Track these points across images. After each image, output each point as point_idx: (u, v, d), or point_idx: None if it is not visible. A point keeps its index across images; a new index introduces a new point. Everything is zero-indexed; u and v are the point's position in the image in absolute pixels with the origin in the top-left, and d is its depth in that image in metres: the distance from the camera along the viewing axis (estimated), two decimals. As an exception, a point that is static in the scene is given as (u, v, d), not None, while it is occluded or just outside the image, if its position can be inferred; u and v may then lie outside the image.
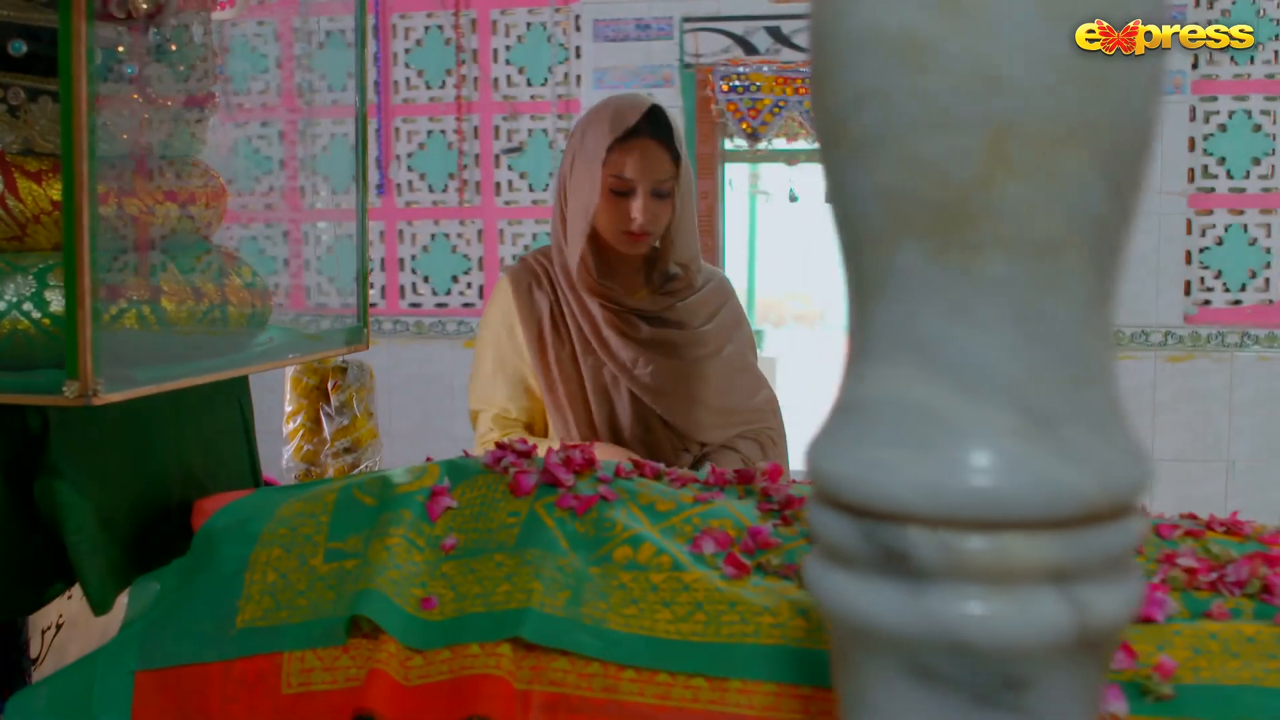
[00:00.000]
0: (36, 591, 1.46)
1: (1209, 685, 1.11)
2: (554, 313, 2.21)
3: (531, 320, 2.22)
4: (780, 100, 4.50)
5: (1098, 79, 0.60)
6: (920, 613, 0.63)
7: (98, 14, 1.41)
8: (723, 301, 2.27)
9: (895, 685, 0.66)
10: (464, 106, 4.82)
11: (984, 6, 0.59)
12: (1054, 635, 0.63)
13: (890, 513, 0.63)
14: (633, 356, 2.16)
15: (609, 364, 2.17)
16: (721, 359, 2.24)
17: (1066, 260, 0.62)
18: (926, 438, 0.63)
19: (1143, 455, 0.65)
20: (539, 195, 4.82)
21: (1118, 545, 0.64)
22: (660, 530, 1.34)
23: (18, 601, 1.45)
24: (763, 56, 4.54)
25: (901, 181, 0.62)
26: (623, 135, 2.09)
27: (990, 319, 0.62)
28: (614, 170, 2.08)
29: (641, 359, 2.17)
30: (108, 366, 1.29)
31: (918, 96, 0.60)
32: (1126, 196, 0.62)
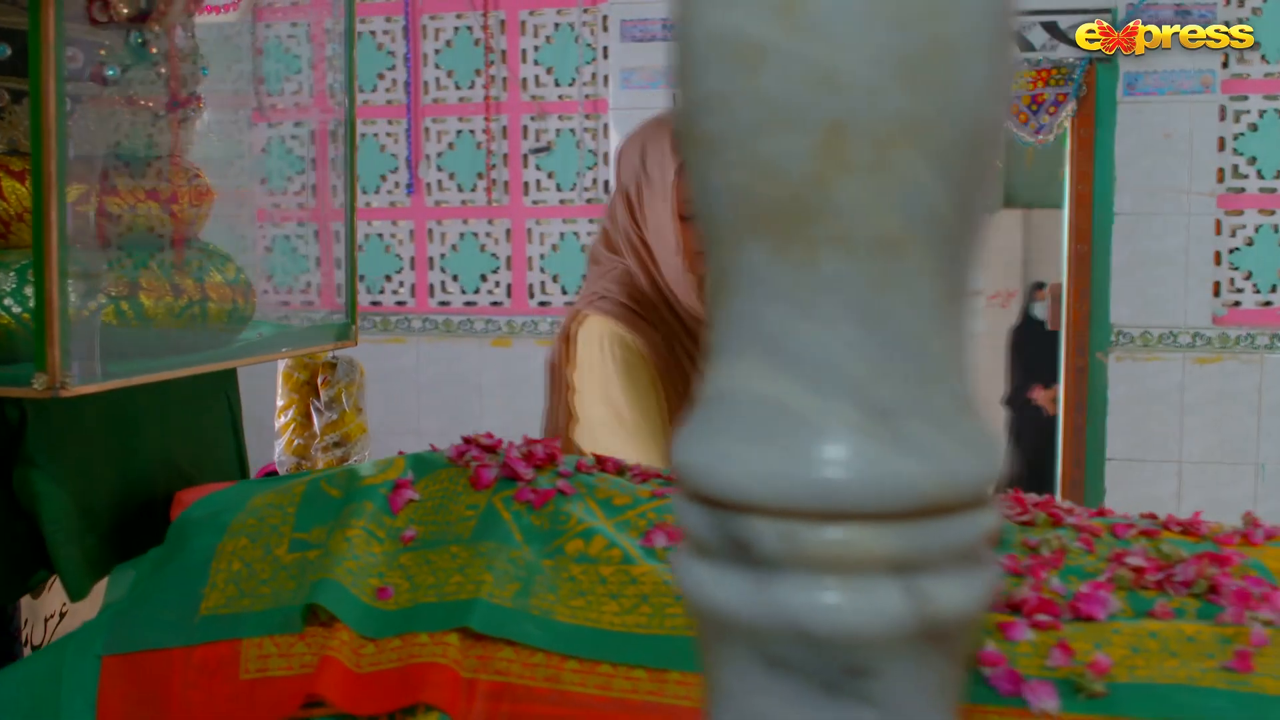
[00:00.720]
0: (21, 578, 1.50)
1: (1144, 684, 1.11)
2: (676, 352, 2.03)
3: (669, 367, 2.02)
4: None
5: (930, 78, 0.61)
6: (766, 602, 0.65)
7: (80, 18, 1.45)
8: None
9: (749, 673, 0.67)
10: (492, 107, 4.86)
11: (817, 9, 0.60)
12: (894, 625, 0.64)
13: (736, 503, 0.65)
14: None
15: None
16: None
17: (906, 258, 0.63)
18: (771, 431, 0.64)
19: (990, 451, 0.66)
20: (566, 195, 4.85)
21: (961, 538, 0.65)
22: (615, 524, 1.36)
23: (2, 588, 1.50)
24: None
25: (744, 181, 0.64)
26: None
27: (832, 315, 0.63)
28: (685, 195, 1.94)
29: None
30: (80, 360, 1.33)
31: (755, 98, 0.62)
32: (968, 194, 0.64)
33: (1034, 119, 4.25)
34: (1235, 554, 1.29)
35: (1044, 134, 4.27)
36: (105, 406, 1.46)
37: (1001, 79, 0.64)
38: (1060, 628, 1.17)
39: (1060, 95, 4.22)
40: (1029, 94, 4.23)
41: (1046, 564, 1.28)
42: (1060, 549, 1.30)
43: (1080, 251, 4.30)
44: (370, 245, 5.07)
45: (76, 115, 1.48)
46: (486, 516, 1.35)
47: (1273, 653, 1.13)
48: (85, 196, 1.49)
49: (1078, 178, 4.28)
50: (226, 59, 4.40)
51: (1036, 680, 1.11)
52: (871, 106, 0.61)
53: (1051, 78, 4.21)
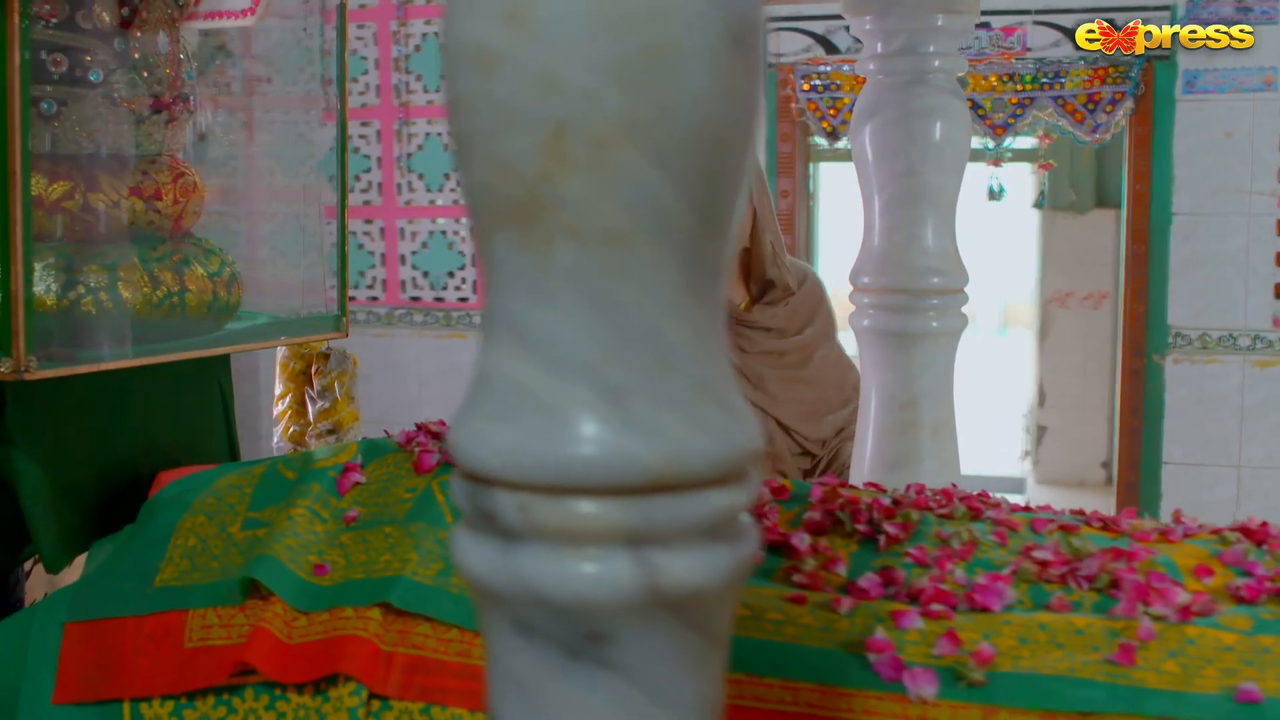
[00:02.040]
0: (11, 551, 1.60)
1: (1024, 674, 1.14)
2: None
3: None
4: (861, 99, 4.50)
5: (648, 82, 0.65)
6: (510, 570, 0.70)
7: (67, 25, 1.54)
8: (818, 303, 2.39)
9: (504, 636, 0.72)
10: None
11: (542, 18, 0.65)
12: (625, 594, 0.68)
13: (485, 477, 0.70)
14: (750, 368, 2.30)
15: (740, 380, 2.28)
16: (819, 359, 2.37)
17: (635, 249, 0.67)
18: (515, 410, 0.69)
19: (725, 434, 0.70)
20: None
21: (693, 515, 0.69)
22: (545, 509, 1.41)
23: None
24: (843, 55, 4.54)
25: (488, 178, 0.68)
26: None
27: (567, 303, 0.68)
28: None
29: (754, 369, 2.30)
30: (51, 346, 1.42)
31: (490, 101, 0.67)
32: (695, 191, 0.68)
33: (1090, 118, 4.20)
34: (1146, 550, 1.30)
35: (1101, 133, 4.22)
36: (83, 390, 1.55)
37: (730, 83, 0.68)
38: (952, 617, 1.19)
39: (1117, 94, 4.17)
40: (1085, 92, 4.18)
41: (955, 556, 1.31)
42: (971, 541, 1.32)
43: (1137, 252, 4.24)
44: (434, 242, 5.19)
45: (61, 116, 1.57)
46: (423, 499, 1.41)
47: (1158, 647, 1.14)
48: (69, 193, 1.58)
49: (1135, 177, 4.21)
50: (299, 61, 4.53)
51: (919, 668, 1.14)
52: (591, 108, 0.65)
53: (1109, 76, 4.16)
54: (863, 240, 2.01)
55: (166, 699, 1.34)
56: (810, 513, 1.38)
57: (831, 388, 2.39)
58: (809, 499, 1.42)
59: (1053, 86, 4.21)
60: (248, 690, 1.32)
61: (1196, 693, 1.10)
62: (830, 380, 2.40)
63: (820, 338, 2.40)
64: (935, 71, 1.93)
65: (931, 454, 1.99)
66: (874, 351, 1.99)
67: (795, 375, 2.33)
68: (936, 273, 1.93)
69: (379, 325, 5.28)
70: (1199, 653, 1.13)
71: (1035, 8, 4.23)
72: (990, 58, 4.19)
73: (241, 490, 1.50)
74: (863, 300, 1.98)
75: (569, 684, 0.71)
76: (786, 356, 2.34)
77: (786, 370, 2.34)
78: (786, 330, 2.34)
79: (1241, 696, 1.08)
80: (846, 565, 1.30)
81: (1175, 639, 1.15)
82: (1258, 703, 1.08)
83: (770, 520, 1.38)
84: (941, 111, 1.92)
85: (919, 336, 1.95)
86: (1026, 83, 4.25)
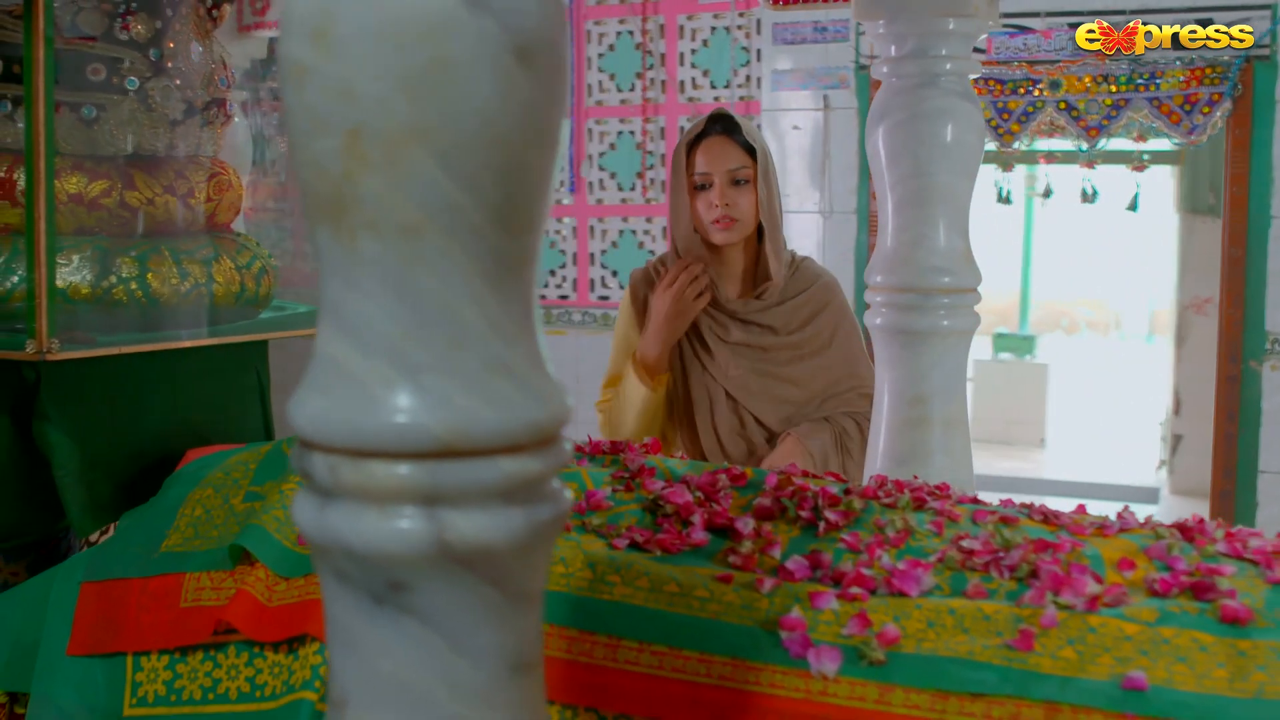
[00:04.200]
0: (51, 516, 1.75)
1: (924, 655, 1.18)
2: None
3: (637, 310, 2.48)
4: (953, 100, 4.48)
5: (431, 90, 0.73)
6: (325, 525, 0.79)
7: (107, 38, 1.69)
8: (822, 306, 2.45)
9: (328, 584, 0.81)
10: (650, 108, 5.03)
11: (341, 35, 0.74)
12: (417, 548, 0.77)
13: (307, 442, 0.79)
14: (725, 357, 2.39)
15: (707, 365, 2.39)
16: (815, 361, 2.42)
17: (428, 241, 0.76)
18: (331, 383, 0.78)
19: (513, 407, 0.78)
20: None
21: (480, 479, 0.77)
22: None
23: (33, 524, 1.75)
24: (936, 56, 4.53)
25: (306, 178, 0.78)
26: (694, 138, 2.40)
27: (371, 289, 0.77)
28: (693, 170, 2.37)
29: (732, 359, 2.39)
30: (74, 330, 1.56)
31: (304, 109, 0.76)
32: (484, 189, 0.76)
33: (1186, 119, 4.12)
34: (1075, 543, 1.33)
35: (1196, 134, 4.14)
36: (113, 372, 1.69)
37: (514, 93, 0.75)
38: (866, 600, 1.25)
39: (1215, 95, 4.08)
40: (1181, 93, 4.11)
41: (888, 543, 1.35)
42: (905, 530, 1.37)
43: (1234, 256, 4.14)
44: (536, 241, 5.33)
45: (100, 121, 1.72)
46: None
47: (1059, 634, 1.18)
48: (107, 191, 1.73)
49: (1232, 180, 4.12)
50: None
51: (825, 646, 1.20)
52: (382, 115, 0.74)
53: (1206, 76, 4.07)
54: (878, 240, 2.05)
55: (162, 653, 1.47)
56: (761, 499, 1.44)
57: (814, 392, 2.42)
58: (764, 486, 1.48)
59: (1148, 88, 4.15)
60: (230, 647, 1.44)
61: (1086, 679, 1.13)
62: (816, 385, 2.42)
63: (821, 344, 2.43)
64: (946, 74, 1.96)
65: (941, 450, 2.02)
66: (885, 349, 2.03)
67: (779, 373, 2.39)
68: (947, 272, 1.97)
69: (483, 321, 5.44)
70: (1098, 641, 1.17)
71: (1132, 8, 4.17)
72: (1085, 59, 4.15)
73: (247, 466, 1.62)
74: (875, 299, 2.02)
75: (377, 627, 0.80)
76: (772, 353, 2.39)
77: (772, 366, 2.39)
78: (779, 328, 2.40)
79: (1128, 684, 1.11)
80: (782, 549, 1.36)
81: (1077, 627, 1.18)
82: (1143, 690, 1.11)
83: (722, 505, 1.45)
84: (951, 113, 1.96)
85: (929, 335, 1.98)
86: (1121, 84, 4.19)
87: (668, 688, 1.23)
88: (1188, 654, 1.14)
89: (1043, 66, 4.29)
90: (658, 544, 1.37)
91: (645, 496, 1.47)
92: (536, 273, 0.83)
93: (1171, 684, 1.12)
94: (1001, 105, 4.40)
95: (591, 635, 1.28)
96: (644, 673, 1.24)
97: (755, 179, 2.36)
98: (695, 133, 2.41)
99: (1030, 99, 4.34)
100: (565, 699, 1.26)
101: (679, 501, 1.43)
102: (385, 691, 0.80)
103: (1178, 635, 1.17)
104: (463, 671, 0.80)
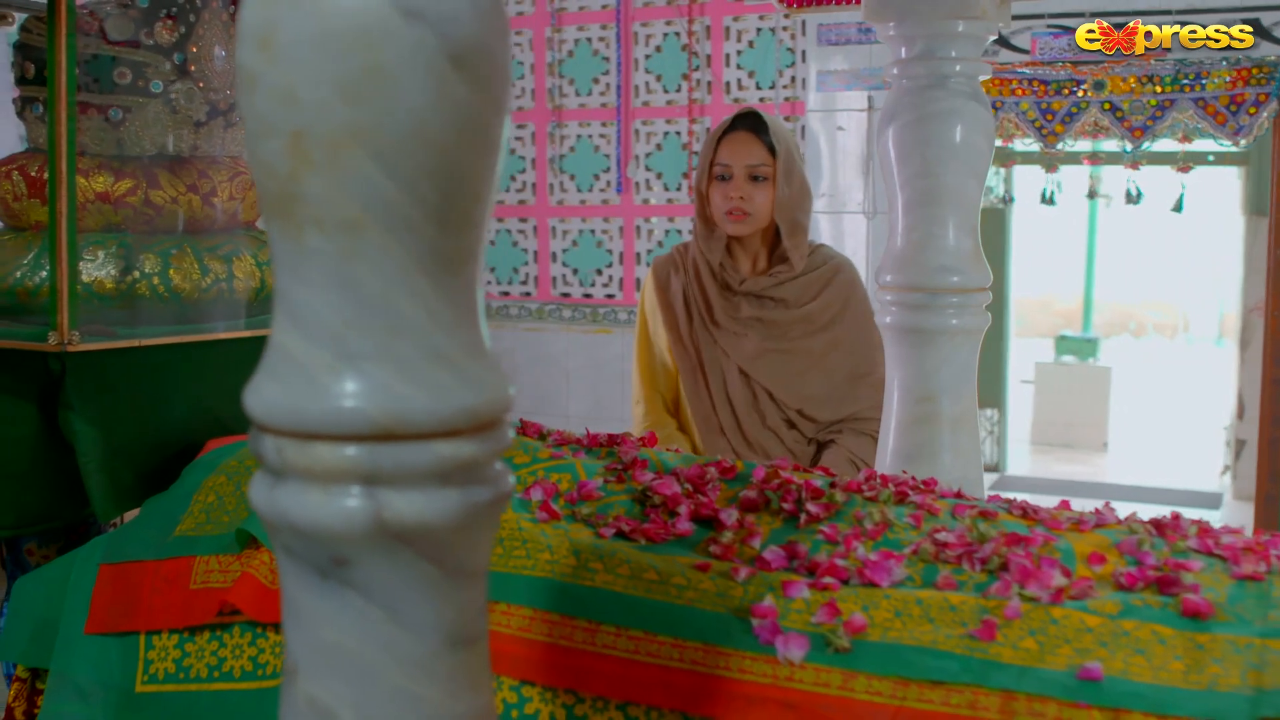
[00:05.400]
0: (79, 502, 1.83)
1: (889, 644, 1.22)
2: (686, 295, 2.57)
3: (668, 304, 2.58)
4: (997, 101, 4.48)
5: (367, 95, 0.78)
6: (274, 503, 0.84)
7: (128, 42, 1.76)
8: (829, 281, 2.54)
9: (280, 559, 0.87)
10: (696, 109, 5.06)
11: (284, 42, 0.79)
12: (356, 525, 0.81)
13: (259, 424, 0.84)
14: (737, 331, 2.49)
15: (718, 339, 2.49)
16: (826, 336, 2.51)
17: (367, 237, 0.80)
18: (279, 370, 0.83)
19: (448, 394, 0.82)
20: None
21: (417, 461, 0.81)
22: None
23: (62, 509, 1.83)
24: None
25: (258, 177, 0.83)
26: (722, 133, 2.52)
27: (316, 281, 0.82)
28: (716, 160, 2.50)
29: (744, 334, 2.49)
30: (95, 323, 1.63)
31: (253, 113, 0.81)
32: (420, 188, 0.80)
33: (1233, 119, 4.08)
34: (1049, 538, 1.35)
35: (1243, 135, 4.10)
36: (136, 363, 1.76)
37: (449, 98, 0.80)
38: (837, 589, 1.28)
39: (1261, 95, 4.04)
40: (1227, 94, 4.07)
41: (865, 535, 1.38)
42: (883, 523, 1.40)
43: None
44: (583, 240, 5.39)
45: (126, 122, 1.79)
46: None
47: (1021, 625, 1.21)
48: (133, 190, 1.80)
49: (1278, 182, 4.07)
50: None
51: (793, 633, 1.23)
52: (322, 118, 0.79)
53: (1252, 77, 4.03)
54: (888, 240, 2.08)
55: (172, 633, 1.54)
56: (747, 491, 1.48)
57: (842, 375, 2.50)
58: (751, 479, 1.52)
59: (1193, 88, 4.11)
60: (235, 628, 1.50)
61: (1044, 669, 1.16)
62: (841, 367, 2.51)
63: (833, 315, 2.52)
64: (955, 76, 1.98)
65: (950, 447, 2.04)
66: (895, 347, 2.06)
67: (792, 347, 2.49)
68: (955, 271, 1.99)
69: (530, 320, 5.51)
70: (1059, 633, 1.19)
71: (1178, 8, 4.14)
72: (1129, 59, 4.12)
73: (259, 455, 1.68)
74: (885, 298, 2.05)
75: (322, 600, 0.85)
76: (785, 328, 2.50)
77: (785, 341, 2.50)
78: (790, 301, 2.49)
79: (1083, 674, 1.14)
80: (763, 539, 1.39)
81: (1039, 619, 1.21)
82: (1097, 680, 1.13)
83: (709, 496, 1.49)
84: (959, 114, 1.98)
85: (938, 333, 2.01)
86: (1166, 84, 4.16)
87: (642, 672, 1.27)
88: (1146, 646, 1.16)
89: (1087, 67, 4.27)
90: (643, 533, 1.41)
91: (635, 488, 1.51)
92: (480, 268, 0.87)
93: (1127, 675, 1.14)
94: (1045, 106, 4.39)
95: (573, 620, 1.32)
96: (621, 657, 1.28)
97: (774, 177, 2.45)
98: (724, 127, 2.54)
99: (1074, 100, 4.32)
100: (546, 681, 1.31)
101: (667, 493, 1.47)
102: (331, 661, 0.85)
103: (1138, 628, 1.19)
104: (403, 643, 0.85)
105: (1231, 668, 1.13)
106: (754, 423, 2.51)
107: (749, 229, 2.49)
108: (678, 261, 2.63)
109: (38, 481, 1.77)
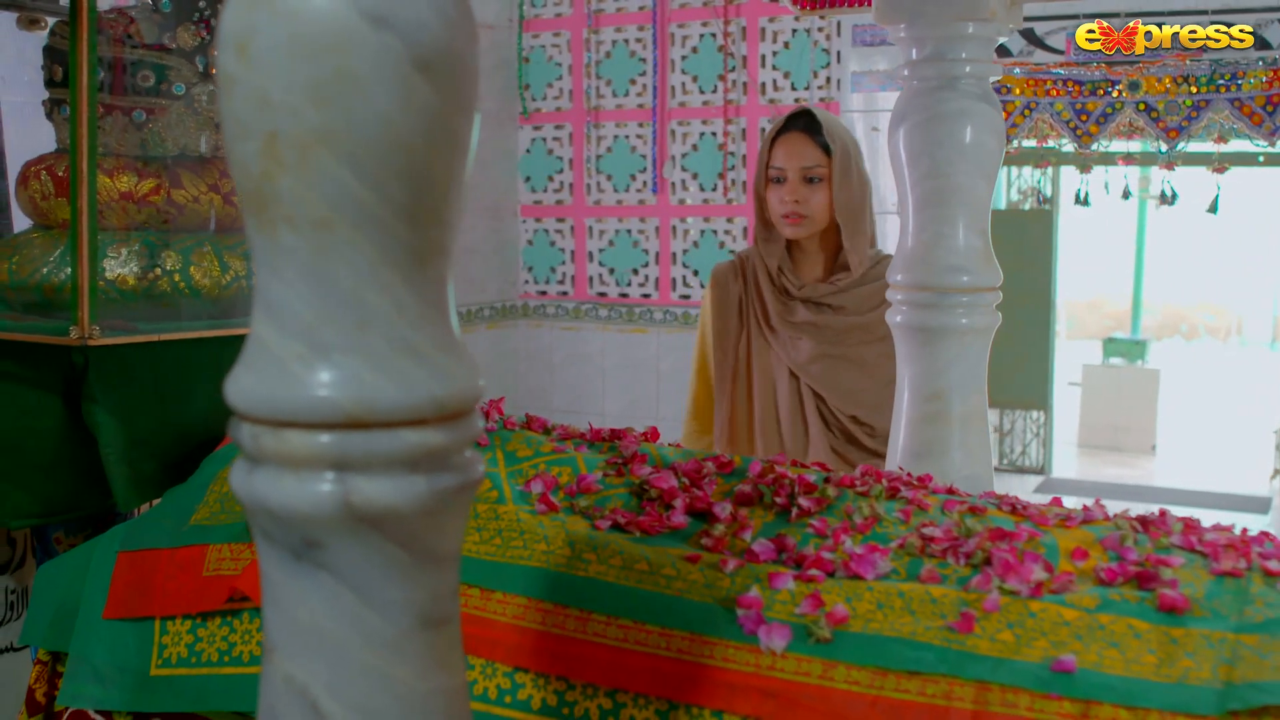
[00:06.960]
0: (103, 492, 1.89)
1: (869, 635, 1.24)
2: (742, 300, 2.61)
3: (723, 308, 2.62)
4: (1031, 102, 4.47)
5: (336, 99, 0.82)
6: (251, 488, 0.88)
7: (155, 45, 1.82)
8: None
9: (258, 542, 0.91)
10: (732, 110, 5.09)
11: (258, 47, 0.83)
12: (326, 509, 0.85)
13: (239, 413, 0.88)
14: (791, 336, 2.51)
15: (773, 344, 2.52)
16: (882, 347, 2.51)
17: (338, 234, 0.84)
18: (257, 361, 0.87)
19: (415, 385, 0.86)
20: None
21: (385, 449, 0.85)
22: (511, 471, 1.59)
23: (87, 499, 1.89)
24: (1015, 59, 4.52)
25: (236, 176, 0.87)
26: (776, 133, 2.55)
27: (290, 276, 0.86)
28: (770, 163, 2.53)
29: (798, 338, 2.52)
30: (115, 318, 1.69)
31: (231, 116, 0.85)
32: (388, 188, 0.84)
33: (1269, 120, 4.05)
34: (1034, 533, 1.37)
35: (1279, 136, 4.07)
36: (157, 358, 1.81)
37: (415, 101, 0.83)
38: (821, 581, 1.31)
39: (1298, 95, 4.01)
40: (1263, 94, 4.04)
41: (854, 529, 1.41)
42: (872, 517, 1.42)
43: (1317, 260, 4.05)
44: (620, 240, 5.42)
45: (150, 124, 1.85)
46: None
47: (1000, 618, 1.23)
48: (156, 189, 1.85)
49: (1315, 181, 4.03)
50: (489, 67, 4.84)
51: (776, 623, 1.26)
52: (293, 120, 0.83)
53: (1289, 76, 4.00)
54: (899, 240, 2.10)
55: (185, 618, 1.59)
56: (742, 485, 1.51)
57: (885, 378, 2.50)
58: (747, 474, 1.55)
59: (1229, 88, 4.09)
60: (244, 614, 1.55)
61: (1019, 660, 1.18)
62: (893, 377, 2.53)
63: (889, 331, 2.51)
64: (965, 77, 2.00)
65: (959, 446, 2.06)
66: (905, 346, 2.08)
67: (847, 354, 2.50)
68: (965, 271, 2.01)
69: (567, 319, 5.56)
70: (1037, 626, 1.21)
71: (1213, 8, 4.11)
72: (1164, 59, 4.10)
73: (273, 447, 1.73)
74: (895, 297, 2.07)
75: (295, 581, 0.89)
76: (842, 335, 2.51)
77: (841, 348, 2.51)
78: (849, 309, 2.51)
79: (1057, 666, 1.16)
80: (754, 532, 1.42)
81: (1017, 612, 1.23)
82: (1070, 673, 1.15)
83: (705, 490, 1.51)
84: (969, 115, 2.00)
85: (947, 332, 2.03)
86: (1202, 84, 4.14)
87: (631, 660, 1.30)
88: (1121, 640, 1.18)
89: (1121, 67, 4.26)
90: (638, 525, 1.44)
91: (633, 481, 1.54)
92: (450, 263, 0.91)
93: (1100, 667, 1.16)
94: (1080, 106, 4.37)
95: (565, 609, 1.36)
96: (610, 645, 1.32)
97: (830, 178, 2.46)
98: (778, 128, 2.57)
99: (1109, 100, 4.30)
100: (538, 668, 1.34)
101: (663, 486, 1.50)
102: (305, 640, 0.89)
103: (1114, 622, 1.20)
104: (373, 623, 0.89)
105: (1204, 661, 1.15)
106: (797, 429, 2.53)
107: (806, 231, 2.53)
108: (738, 267, 2.66)
109: (63, 472, 1.82)
